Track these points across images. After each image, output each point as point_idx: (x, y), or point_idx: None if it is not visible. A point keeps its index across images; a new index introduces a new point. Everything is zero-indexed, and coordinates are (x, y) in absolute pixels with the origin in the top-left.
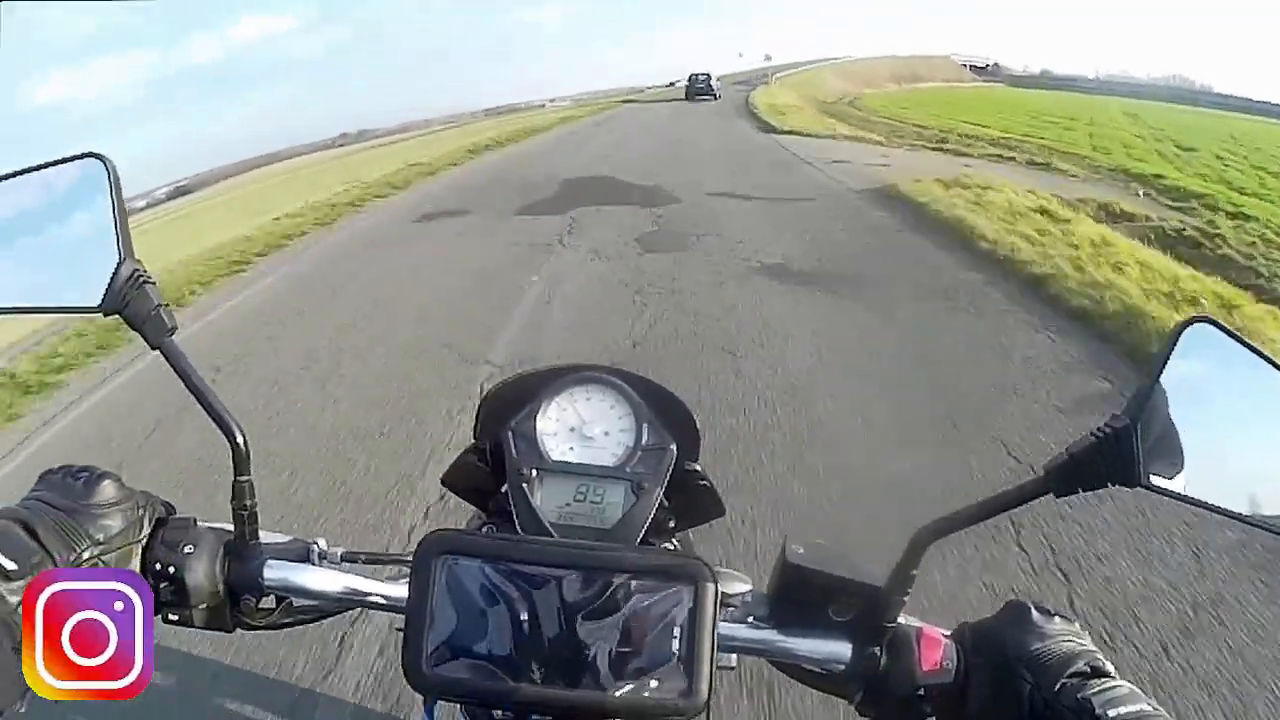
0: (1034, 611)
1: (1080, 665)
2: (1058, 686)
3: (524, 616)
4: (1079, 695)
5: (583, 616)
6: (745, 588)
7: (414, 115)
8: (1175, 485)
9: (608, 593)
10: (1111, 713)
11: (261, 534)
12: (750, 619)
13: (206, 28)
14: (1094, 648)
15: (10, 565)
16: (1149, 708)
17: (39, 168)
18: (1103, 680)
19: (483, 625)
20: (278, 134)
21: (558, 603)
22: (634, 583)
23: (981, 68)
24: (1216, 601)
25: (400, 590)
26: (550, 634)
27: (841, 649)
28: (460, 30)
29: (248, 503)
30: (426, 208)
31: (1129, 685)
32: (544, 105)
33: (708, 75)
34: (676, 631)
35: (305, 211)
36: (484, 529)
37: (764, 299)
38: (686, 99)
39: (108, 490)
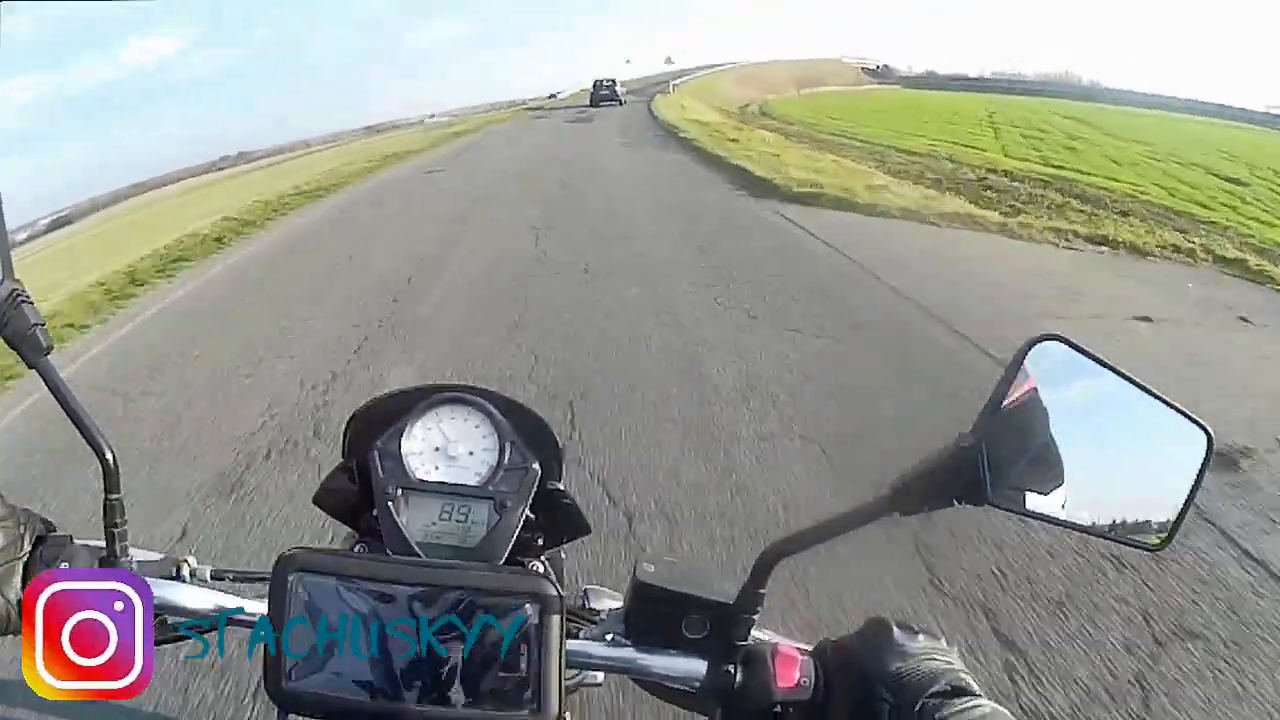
0: (895, 629)
1: (942, 684)
2: (918, 705)
3: (377, 634)
4: (938, 715)
5: (435, 634)
6: (615, 605)
7: (297, 135)
8: (1021, 502)
9: (458, 610)
10: None
11: (134, 551)
12: (609, 636)
13: (92, 49)
14: (958, 666)
15: None
16: None
17: None
18: (964, 699)
19: (339, 642)
20: (163, 159)
21: (409, 620)
22: (483, 601)
23: (874, 70)
24: None
25: (264, 607)
26: (403, 651)
27: (697, 666)
28: (350, 47)
29: (118, 520)
30: None
31: (991, 704)
32: (423, 120)
33: (612, 81)
34: (524, 649)
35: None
36: (356, 548)
37: None
38: (591, 105)
39: None
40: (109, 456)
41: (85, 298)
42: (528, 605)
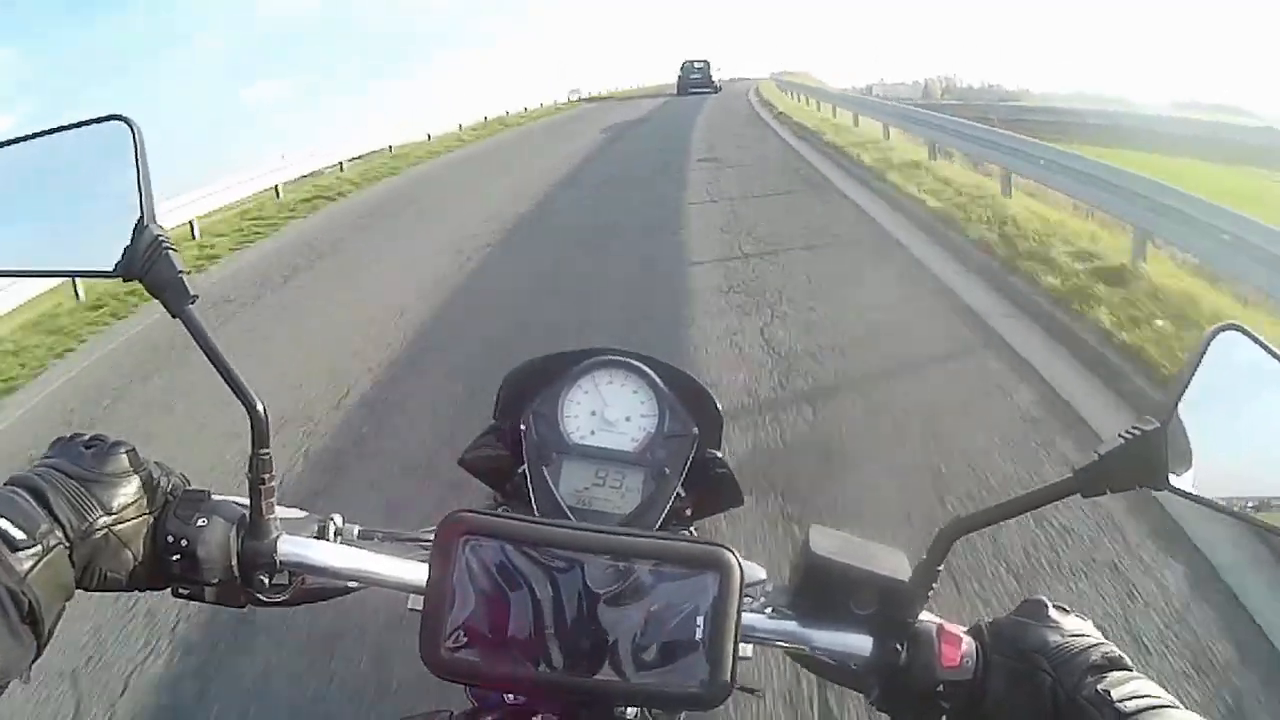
0: (1050, 607)
1: (1097, 659)
2: (1077, 680)
3: (546, 601)
4: (1098, 688)
5: (605, 602)
6: (761, 576)
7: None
8: (1199, 489)
9: (632, 579)
10: (1130, 705)
11: (279, 509)
12: (770, 610)
13: None
14: (1109, 642)
15: (18, 535)
16: (1166, 699)
17: (62, 129)
18: (1120, 673)
19: (503, 609)
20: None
21: (580, 588)
22: (659, 569)
23: None
24: None
25: (416, 570)
26: (572, 619)
27: (862, 643)
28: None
29: (265, 477)
30: None
31: (1145, 678)
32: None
33: (705, 63)
34: (700, 619)
35: None
36: (500, 510)
37: None
38: (679, 93)
39: (122, 460)
40: (259, 408)
41: None
42: (708, 576)
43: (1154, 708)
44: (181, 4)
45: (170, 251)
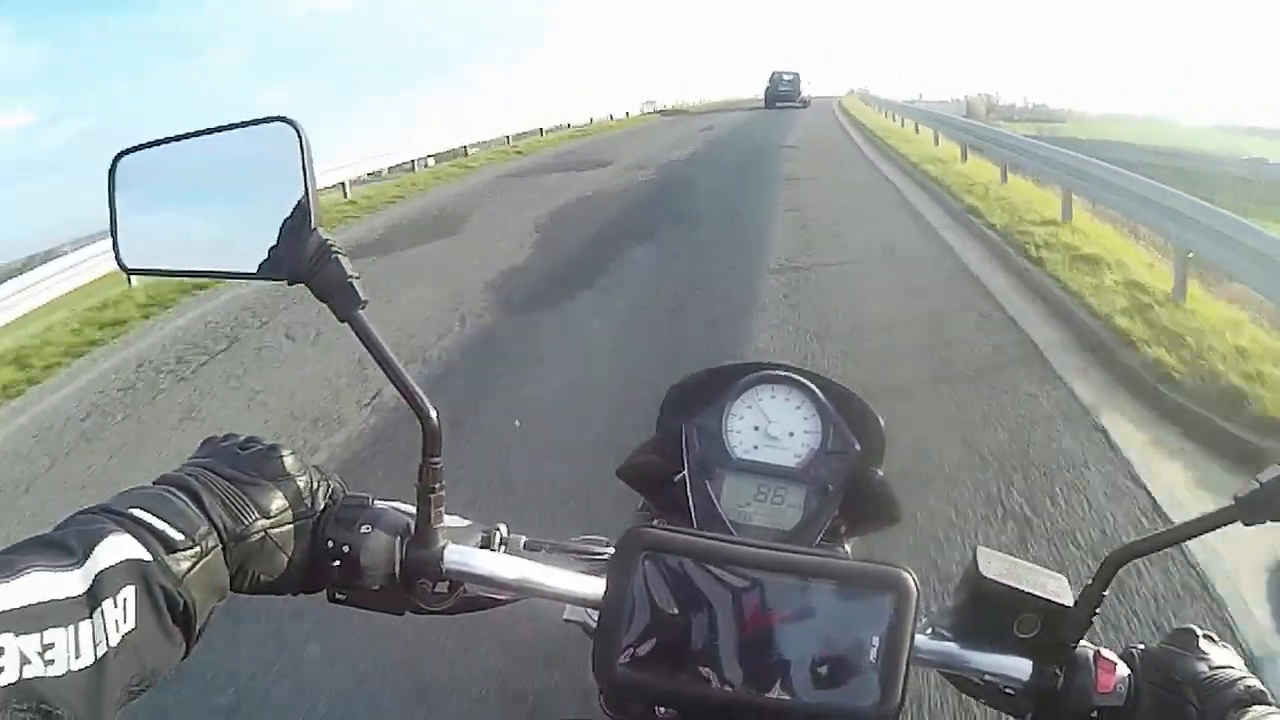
0: (1201, 638)
1: (1242, 693)
2: (1222, 713)
3: (724, 618)
4: None
5: (782, 621)
6: None
7: None
8: None
9: (811, 598)
10: None
11: (447, 518)
12: (931, 630)
13: None
14: (1254, 676)
15: (176, 536)
16: None
17: (227, 128)
18: (1262, 708)
19: (680, 626)
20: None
21: (758, 605)
22: (837, 590)
23: None
24: None
25: (582, 583)
26: (748, 637)
27: (1021, 666)
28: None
29: (435, 485)
30: None
31: None
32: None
33: (795, 75)
34: (875, 640)
35: None
36: (655, 522)
37: None
38: (766, 106)
39: (278, 463)
40: (432, 415)
41: None
42: (885, 597)
43: None
44: (210, 5)
45: (339, 255)
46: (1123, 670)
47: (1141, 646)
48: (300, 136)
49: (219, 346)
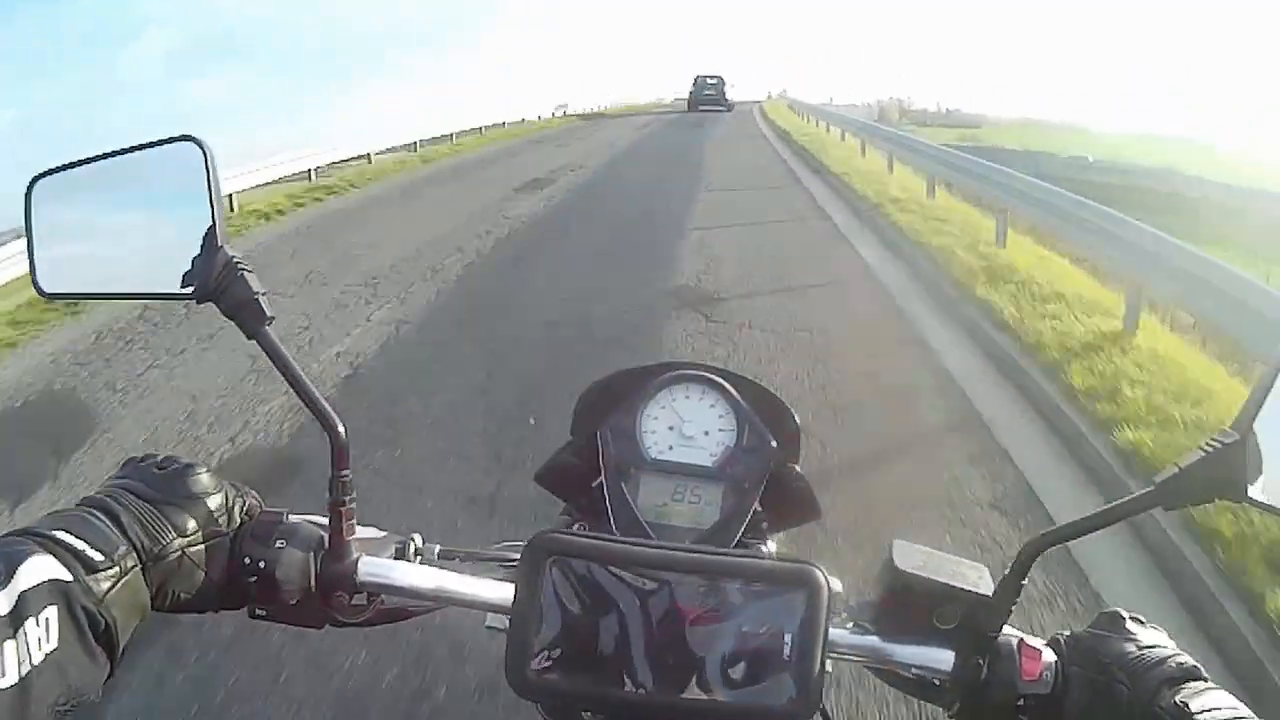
0: (1127, 620)
1: (1174, 670)
2: (1154, 692)
3: (634, 620)
4: (1176, 699)
5: (693, 621)
6: (838, 588)
7: None
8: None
9: (721, 598)
10: (1207, 717)
11: (359, 529)
12: (852, 624)
13: None
14: (1184, 653)
15: (96, 556)
16: (1243, 711)
17: (134, 149)
18: (1197, 684)
19: (590, 629)
20: None
21: (669, 607)
22: (747, 588)
23: None
24: None
25: (497, 589)
26: (660, 639)
27: (944, 657)
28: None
29: (345, 499)
30: None
31: (1222, 689)
32: None
33: (719, 79)
34: (788, 637)
35: None
36: (575, 526)
37: None
38: (689, 109)
39: (195, 481)
40: (340, 430)
41: None
42: (796, 594)
43: (1230, 719)
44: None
45: (246, 272)
46: (1049, 657)
47: (1067, 633)
48: (206, 154)
49: None
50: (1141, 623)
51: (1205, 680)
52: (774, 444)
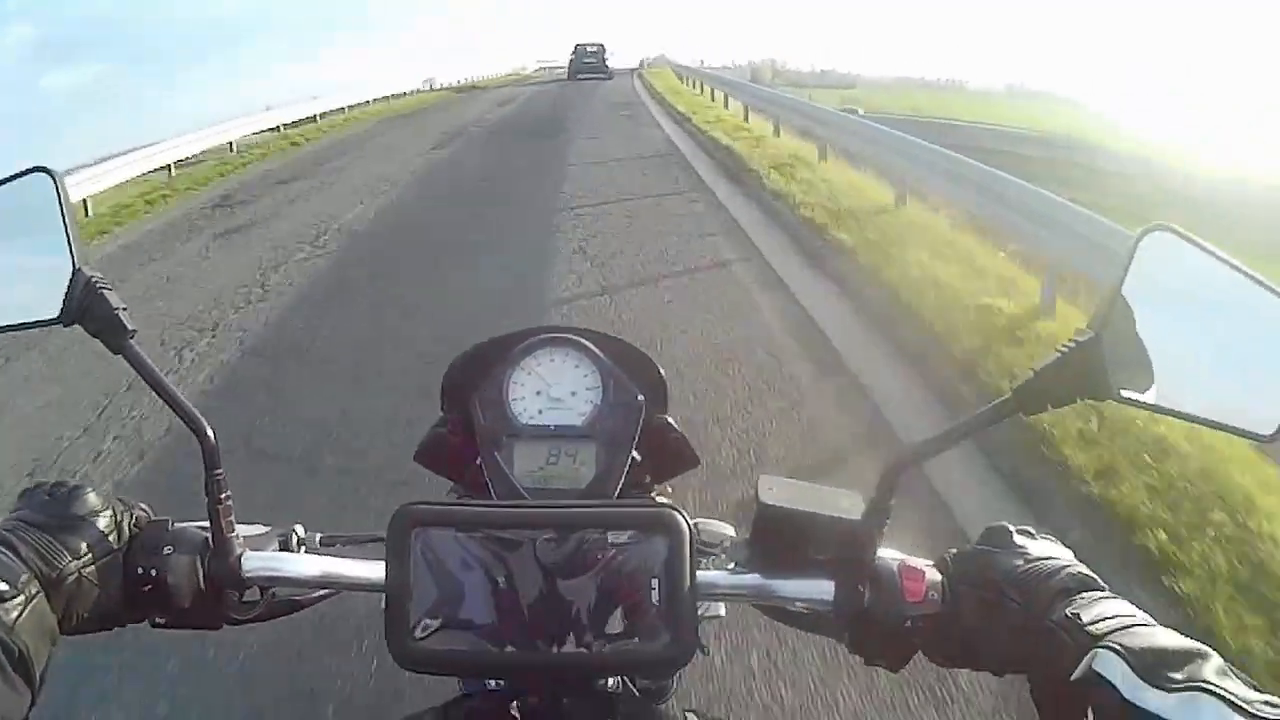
0: (1015, 533)
1: (1066, 581)
2: (1046, 605)
3: (503, 582)
4: (1067, 611)
5: (561, 576)
6: (728, 532)
7: None
8: (1145, 396)
9: (582, 549)
10: (1100, 626)
11: (239, 527)
12: (732, 565)
13: None
14: (1079, 563)
15: (3, 587)
16: (1139, 617)
17: None
18: (1090, 594)
19: (463, 594)
20: None
21: (534, 565)
22: (607, 537)
23: None
24: None
25: (380, 570)
26: (531, 597)
27: (825, 588)
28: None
29: (221, 497)
30: None
31: (1117, 597)
32: None
33: (599, 46)
34: (655, 582)
35: None
36: (459, 500)
37: None
38: (568, 78)
39: (84, 502)
40: (208, 433)
41: None
42: (658, 539)
43: (1124, 627)
44: None
45: (105, 290)
46: (934, 576)
47: (954, 551)
48: (57, 183)
49: None
50: (1031, 535)
51: (1100, 589)
52: (640, 397)
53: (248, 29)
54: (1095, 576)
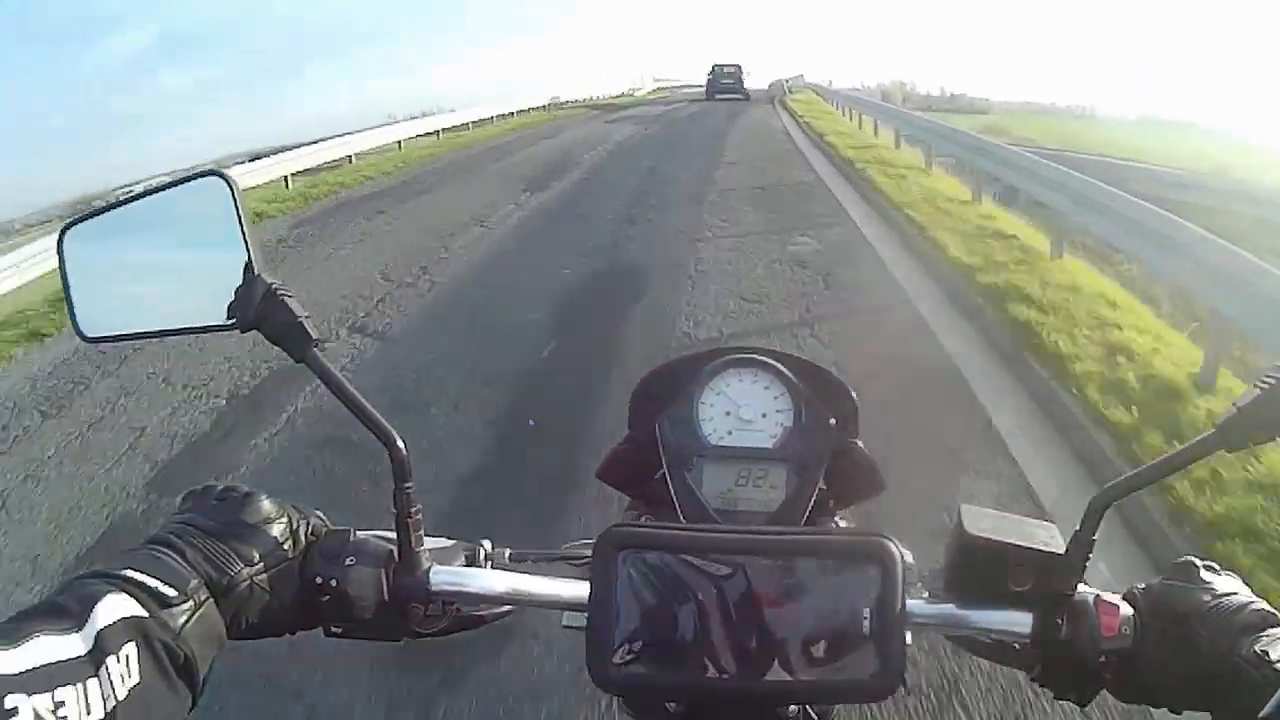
0: (1201, 569)
1: (1251, 617)
2: (1233, 641)
3: (711, 607)
4: (1255, 648)
5: (769, 603)
6: (909, 559)
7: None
8: None
9: (795, 577)
10: None
11: (428, 540)
12: (928, 594)
13: None
14: (1261, 599)
15: (170, 592)
16: None
17: (162, 189)
18: (1276, 630)
19: (668, 619)
20: None
21: (744, 590)
22: (821, 565)
23: None
24: None
25: (571, 588)
26: (739, 623)
27: (1022, 619)
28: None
29: (411, 510)
30: None
31: None
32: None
33: (736, 67)
34: (866, 612)
35: None
36: (642, 518)
37: None
38: (707, 97)
39: (256, 508)
40: (399, 445)
41: None
42: (871, 568)
43: None
44: None
45: (287, 298)
46: (1126, 611)
47: (1143, 586)
48: (231, 186)
49: None
50: (1216, 570)
51: None
52: (832, 421)
53: (368, 34)
54: (1277, 613)
